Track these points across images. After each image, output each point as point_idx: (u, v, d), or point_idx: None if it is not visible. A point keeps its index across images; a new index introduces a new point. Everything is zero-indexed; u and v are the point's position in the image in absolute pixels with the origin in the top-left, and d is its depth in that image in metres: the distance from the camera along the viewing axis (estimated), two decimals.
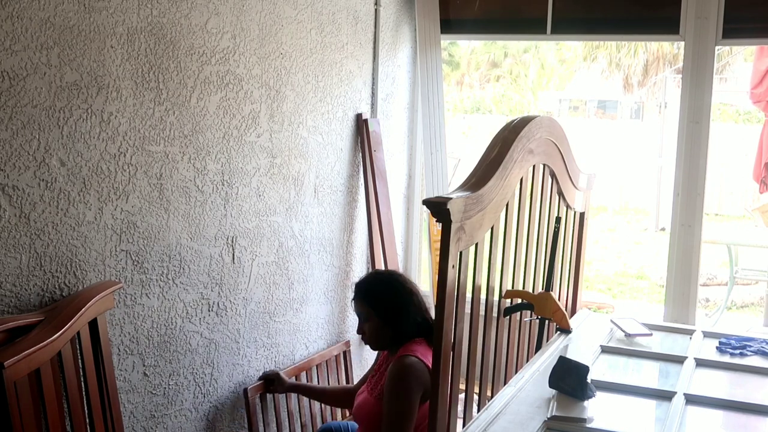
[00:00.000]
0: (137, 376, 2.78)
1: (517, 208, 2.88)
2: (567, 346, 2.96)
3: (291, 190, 3.50)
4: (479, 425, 2.25)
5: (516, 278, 3.00)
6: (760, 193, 7.23)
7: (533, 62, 18.58)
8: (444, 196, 2.11)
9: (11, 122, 2.26)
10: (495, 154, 2.48)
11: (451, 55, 17.27)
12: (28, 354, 2.10)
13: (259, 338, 3.38)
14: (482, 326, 2.74)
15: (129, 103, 2.63)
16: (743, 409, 2.40)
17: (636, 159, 13.58)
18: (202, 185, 2.98)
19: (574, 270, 3.69)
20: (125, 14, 2.59)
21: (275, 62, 3.32)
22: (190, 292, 2.97)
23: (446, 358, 2.18)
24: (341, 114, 3.86)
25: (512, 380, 2.63)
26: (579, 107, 20.30)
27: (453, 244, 2.11)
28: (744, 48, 11.07)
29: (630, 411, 2.43)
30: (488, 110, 18.86)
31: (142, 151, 2.70)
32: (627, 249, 10.31)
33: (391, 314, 2.68)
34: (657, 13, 4.05)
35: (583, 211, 3.68)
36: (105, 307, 2.46)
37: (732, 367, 2.78)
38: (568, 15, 4.21)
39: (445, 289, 2.11)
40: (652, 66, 14.65)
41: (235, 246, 3.18)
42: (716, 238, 6.98)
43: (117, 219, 2.63)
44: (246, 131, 3.18)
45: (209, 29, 2.94)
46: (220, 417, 3.21)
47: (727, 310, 6.84)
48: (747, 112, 15.61)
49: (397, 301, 2.68)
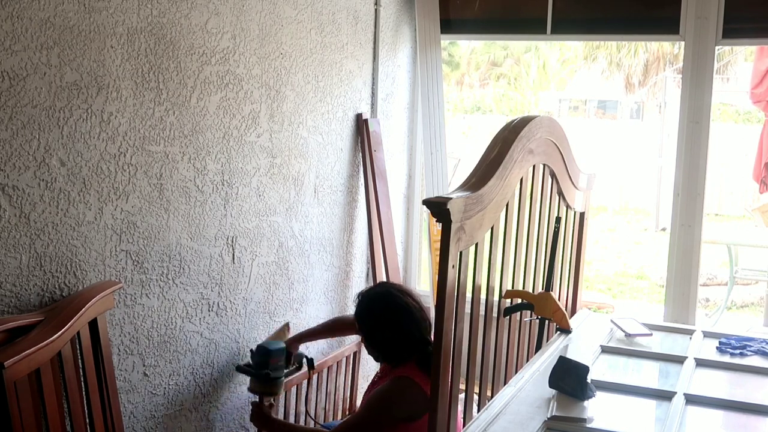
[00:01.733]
0: (137, 376, 2.78)
1: (517, 208, 2.88)
2: (567, 346, 2.96)
3: (291, 190, 3.50)
4: (479, 425, 2.25)
5: (516, 278, 3.00)
6: (760, 193, 7.23)
7: (533, 62, 18.58)
8: (444, 196, 2.11)
9: (11, 122, 2.26)
10: (495, 154, 2.48)
11: (451, 55, 17.26)
12: (28, 354, 2.10)
13: (259, 338, 3.38)
14: (482, 326, 2.73)
15: (129, 103, 2.63)
16: (743, 409, 2.40)
17: (636, 159, 13.58)
18: (202, 185, 2.98)
19: (574, 270, 3.69)
20: (125, 14, 2.59)
21: (275, 62, 3.32)
22: (190, 292, 2.97)
23: (446, 358, 2.18)
24: (341, 114, 3.86)
25: (512, 380, 2.63)
26: (579, 107, 20.30)
27: (453, 244, 2.11)
28: (744, 48, 11.06)
29: (630, 411, 2.43)
30: (488, 110, 18.86)
31: (142, 151, 2.70)
32: (627, 249, 10.31)
33: (371, 337, 2.68)
34: (657, 13, 4.05)
35: (583, 211, 3.68)
36: (105, 307, 2.46)
37: (732, 367, 2.78)
38: (568, 15, 4.21)
39: (445, 290, 2.11)
40: (652, 66, 14.64)
41: (235, 246, 3.18)
42: (716, 238, 6.99)
43: (117, 219, 2.63)
44: (246, 131, 3.18)
45: (209, 29, 2.94)
46: (220, 417, 3.21)
47: (727, 310, 6.84)
48: (747, 112, 15.61)
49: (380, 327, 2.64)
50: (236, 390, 3.28)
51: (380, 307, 2.66)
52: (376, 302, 2.69)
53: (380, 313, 2.65)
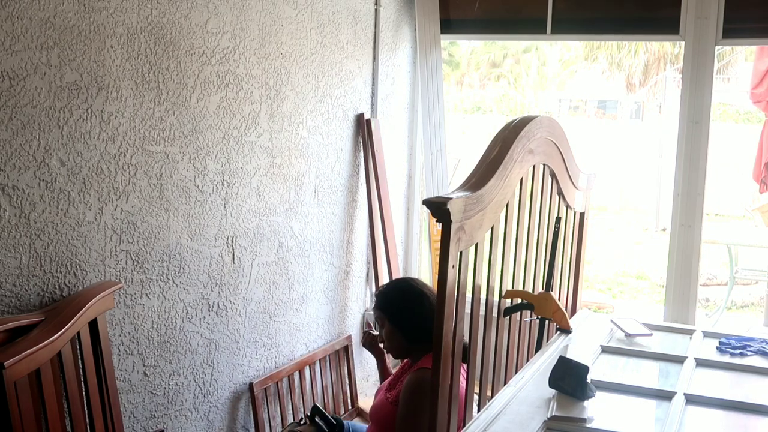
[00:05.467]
0: (137, 376, 2.78)
1: (517, 208, 2.88)
2: (567, 346, 2.96)
3: (291, 190, 3.50)
4: (479, 425, 2.24)
5: (516, 278, 3.00)
6: (760, 193, 7.22)
7: (533, 62, 18.58)
8: (444, 196, 2.11)
9: (11, 122, 2.26)
10: (495, 154, 2.48)
11: (451, 55, 17.27)
12: (28, 354, 2.10)
13: (259, 338, 3.38)
14: (482, 326, 2.73)
15: (129, 103, 2.63)
16: (743, 409, 2.40)
17: (636, 159, 13.57)
18: (202, 185, 2.98)
19: (574, 270, 3.69)
20: (125, 14, 2.59)
21: (275, 62, 3.32)
22: (190, 292, 2.97)
23: (446, 358, 2.18)
24: (341, 114, 3.86)
25: (512, 380, 2.63)
26: (579, 107, 20.30)
27: (453, 244, 2.11)
28: (744, 48, 11.07)
29: (630, 411, 2.43)
30: (488, 110, 18.86)
31: (142, 151, 2.70)
32: (627, 249, 10.31)
33: (399, 316, 2.68)
34: (657, 13, 4.05)
35: (583, 211, 3.68)
36: (105, 307, 2.46)
37: (732, 367, 2.77)
38: (568, 15, 4.21)
39: (445, 290, 2.11)
40: (652, 66, 14.65)
41: (235, 246, 3.18)
42: (716, 238, 6.98)
43: (117, 219, 2.63)
44: (246, 131, 3.18)
45: (209, 29, 2.94)
46: (220, 417, 3.21)
47: (727, 310, 6.84)
48: (747, 112, 15.61)
49: (405, 304, 2.69)
50: (236, 390, 3.28)
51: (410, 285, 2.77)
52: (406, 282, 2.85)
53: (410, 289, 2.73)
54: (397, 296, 2.73)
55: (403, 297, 2.71)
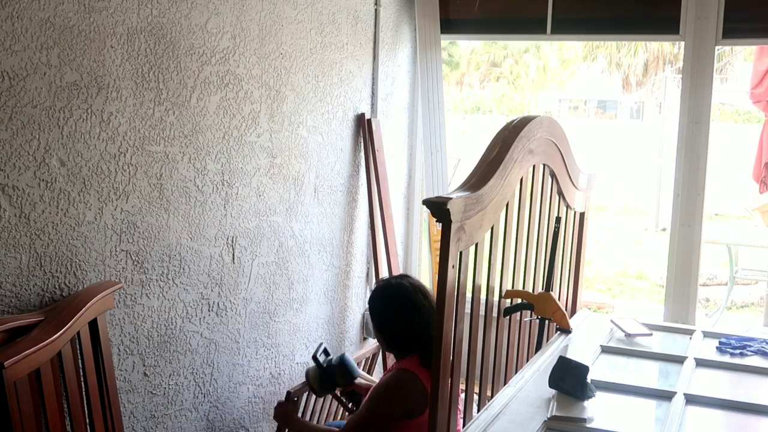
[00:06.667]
0: (137, 376, 2.78)
1: (517, 208, 2.88)
2: (567, 346, 2.96)
3: (291, 190, 3.50)
4: (479, 425, 2.24)
5: (516, 278, 3.00)
6: (760, 193, 7.22)
7: (533, 62, 18.58)
8: (444, 196, 2.11)
9: (11, 122, 2.26)
10: (495, 154, 2.48)
11: (451, 55, 17.27)
12: (28, 354, 2.10)
13: (259, 338, 3.38)
14: (482, 326, 2.73)
15: (129, 103, 2.63)
16: (743, 409, 2.40)
17: (636, 159, 13.58)
18: (202, 185, 2.98)
19: (574, 270, 3.69)
20: (125, 14, 2.59)
21: (275, 62, 3.32)
22: (190, 292, 2.97)
23: (446, 358, 2.18)
24: (341, 114, 3.86)
25: (512, 380, 2.63)
26: (579, 107, 20.31)
27: (453, 244, 2.11)
28: (744, 47, 11.06)
29: (630, 411, 2.43)
30: (488, 110, 18.87)
31: (142, 151, 2.70)
32: (627, 249, 10.31)
33: (378, 322, 2.72)
34: (657, 13, 4.05)
35: (583, 211, 3.68)
36: (105, 307, 2.46)
37: (732, 367, 2.77)
38: (568, 15, 4.21)
39: (445, 289, 2.11)
40: (652, 66, 14.66)
41: (235, 246, 3.18)
42: (716, 238, 6.97)
43: (117, 219, 2.63)
44: (246, 131, 3.18)
45: (209, 29, 2.94)
46: (220, 417, 3.21)
47: (727, 310, 6.84)
48: (747, 112, 15.61)
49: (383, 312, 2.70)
50: (236, 390, 3.28)
51: (396, 293, 2.69)
52: (392, 289, 2.73)
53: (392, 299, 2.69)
54: (376, 304, 2.75)
55: (384, 304, 2.71)
